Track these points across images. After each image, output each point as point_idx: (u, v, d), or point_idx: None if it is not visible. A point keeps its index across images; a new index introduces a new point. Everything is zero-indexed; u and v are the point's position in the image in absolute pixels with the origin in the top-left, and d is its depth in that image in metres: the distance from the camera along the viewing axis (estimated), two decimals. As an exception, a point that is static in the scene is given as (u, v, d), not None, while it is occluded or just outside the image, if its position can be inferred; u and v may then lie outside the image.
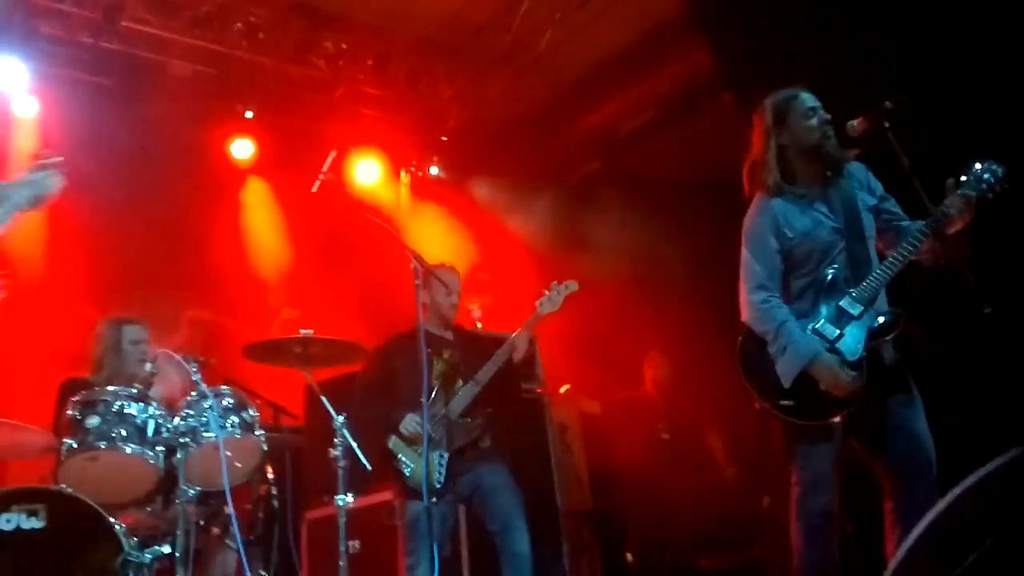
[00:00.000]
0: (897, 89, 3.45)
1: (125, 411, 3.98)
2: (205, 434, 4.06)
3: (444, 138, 7.75)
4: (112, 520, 3.80)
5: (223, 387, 4.29)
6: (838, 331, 3.49)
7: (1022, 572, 2.42)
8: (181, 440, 4.03)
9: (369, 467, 4.41)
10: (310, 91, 7.15)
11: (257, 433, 4.24)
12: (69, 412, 3.97)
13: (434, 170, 7.84)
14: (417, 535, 4.35)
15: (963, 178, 3.47)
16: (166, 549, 3.87)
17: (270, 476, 4.55)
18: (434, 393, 4.58)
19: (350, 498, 4.13)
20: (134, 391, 4.09)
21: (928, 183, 3.47)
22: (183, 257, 6.48)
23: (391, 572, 4.67)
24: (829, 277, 3.56)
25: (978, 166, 3.48)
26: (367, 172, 7.64)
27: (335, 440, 4.16)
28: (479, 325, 5.96)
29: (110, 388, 4.10)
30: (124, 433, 3.93)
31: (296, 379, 5.92)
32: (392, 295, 6.16)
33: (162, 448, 4.02)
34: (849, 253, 3.57)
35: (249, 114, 6.96)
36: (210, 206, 6.92)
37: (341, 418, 4.19)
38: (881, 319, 3.50)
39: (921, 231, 3.43)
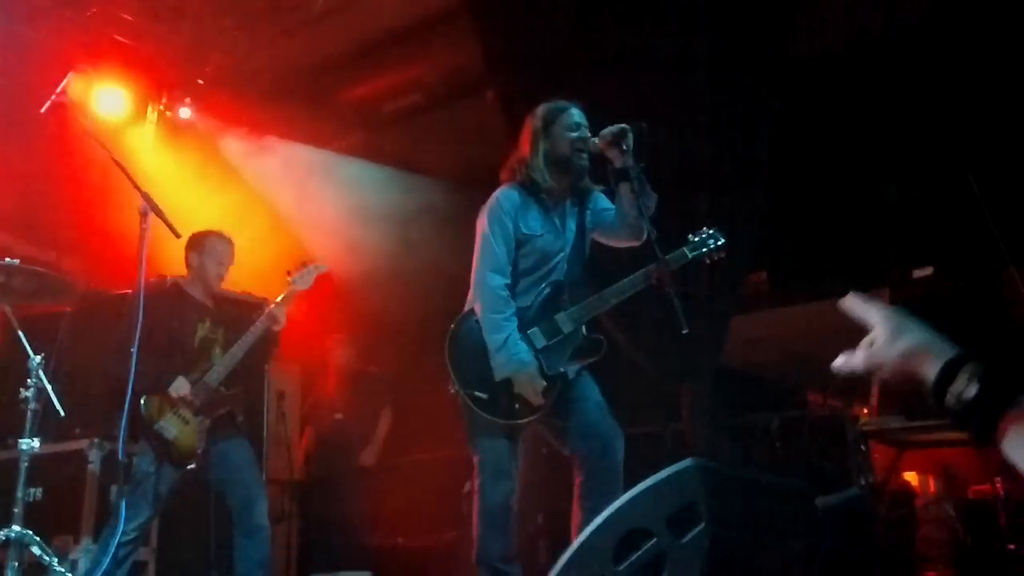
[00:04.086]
0: (655, 119, 3.69)
1: None
2: None
3: (200, 81, 7.35)
4: None
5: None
6: (546, 342, 3.68)
7: (683, 568, 2.62)
8: None
9: (63, 413, 4.17)
10: (62, 4, 6.47)
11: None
12: None
13: (185, 112, 7.42)
14: (139, 493, 4.24)
15: (690, 236, 3.79)
16: None
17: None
18: (196, 359, 4.56)
19: (36, 443, 3.88)
20: None
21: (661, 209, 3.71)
22: None
23: (72, 525, 4.41)
24: (552, 288, 3.73)
25: (705, 232, 3.80)
26: (111, 102, 7.08)
27: (28, 381, 3.90)
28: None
29: None
30: None
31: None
32: (119, 238, 5.78)
33: None
34: (569, 270, 3.78)
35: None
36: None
37: (38, 358, 3.94)
38: (585, 344, 3.74)
39: (642, 278, 3.65)
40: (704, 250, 3.77)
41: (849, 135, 5.39)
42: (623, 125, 3.60)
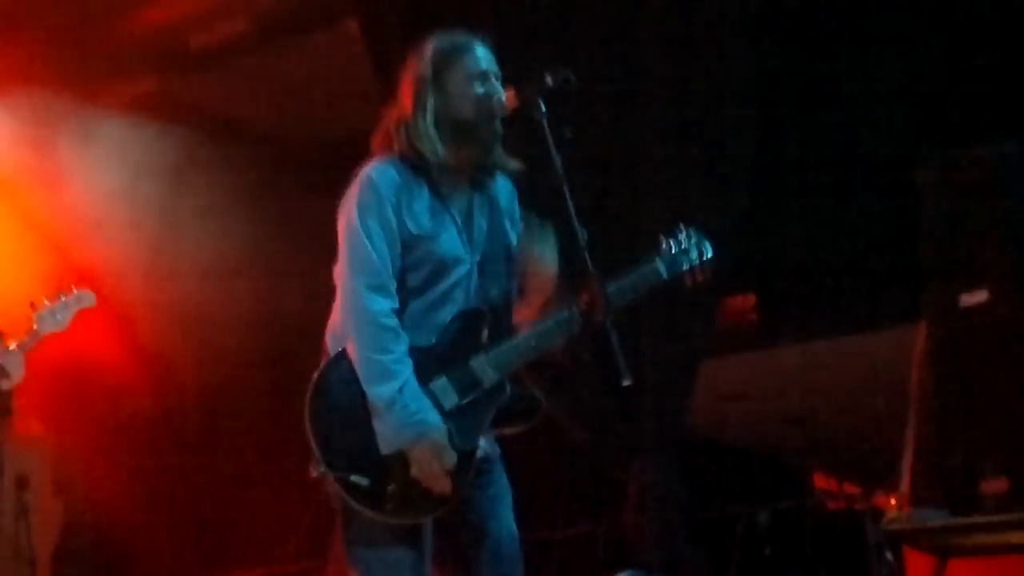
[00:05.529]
0: (571, 63, 3.38)
1: None
2: None
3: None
4: None
5: None
6: (459, 400, 3.33)
7: None
8: None
9: None
10: None
11: None
12: None
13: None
14: None
15: (663, 245, 3.50)
16: None
17: None
18: None
19: None
20: None
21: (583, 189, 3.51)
22: None
23: None
24: (466, 318, 3.42)
25: (685, 237, 3.53)
26: None
27: None
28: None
29: None
30: None
31: None
32: None
33: None
34: (485, 289, 3.47)
35: None
36: None
37: None
38: (513, 404, 3.37)
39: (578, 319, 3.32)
40: (686, 267, 3.48)
41: (867, 109, 5.15)
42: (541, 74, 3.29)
